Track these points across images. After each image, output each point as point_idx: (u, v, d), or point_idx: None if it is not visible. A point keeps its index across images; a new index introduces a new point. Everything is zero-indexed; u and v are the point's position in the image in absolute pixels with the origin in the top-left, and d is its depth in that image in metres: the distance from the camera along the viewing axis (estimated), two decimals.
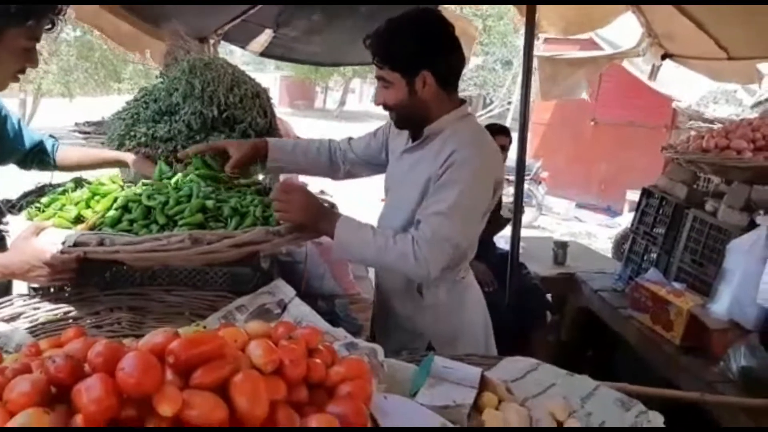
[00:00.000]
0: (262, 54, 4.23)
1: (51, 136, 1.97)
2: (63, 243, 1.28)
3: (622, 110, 9.73)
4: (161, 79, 2.14)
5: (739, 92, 6.13)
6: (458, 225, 1.60)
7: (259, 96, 2.14)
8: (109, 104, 2.31)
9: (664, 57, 4.24)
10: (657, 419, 1.21)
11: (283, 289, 1.47)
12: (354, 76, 25.58)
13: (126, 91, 13.20)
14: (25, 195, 1.73)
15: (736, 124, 3.13)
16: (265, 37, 3.97)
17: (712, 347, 2.52)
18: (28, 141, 1.88)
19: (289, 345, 1.04)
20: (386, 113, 1.79)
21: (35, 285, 1.43)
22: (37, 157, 1.91)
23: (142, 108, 2.05)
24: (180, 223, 1.45)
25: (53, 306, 1.34)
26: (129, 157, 1.94)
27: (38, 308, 1.32)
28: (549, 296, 3.78)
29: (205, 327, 1.27)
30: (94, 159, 1.93)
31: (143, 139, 1.97)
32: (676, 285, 2.94)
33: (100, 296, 1.41)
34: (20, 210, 1.56)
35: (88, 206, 1.54)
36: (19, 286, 1.48)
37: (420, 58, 1.63)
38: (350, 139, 2.09)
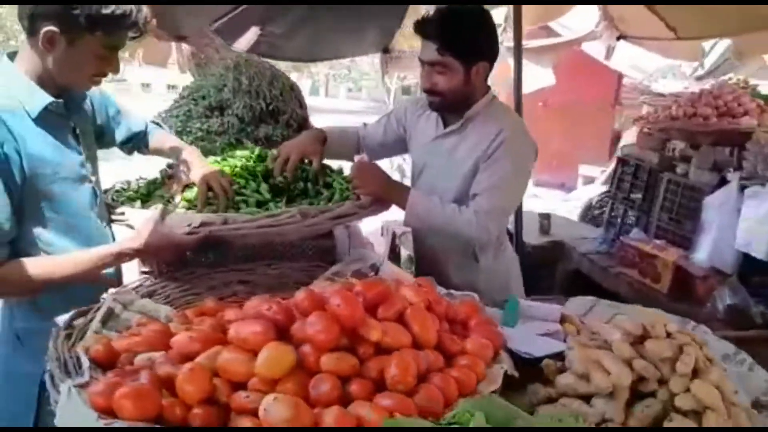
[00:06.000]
0: (249, 51, 4.26)
1: (153, 121, 1.93)
2: (189, 225, 1.41)
3: (570, 91, 10.13)
4: (200, 77, 2.25)
5: (683, 66, 6.61)
6: (510, 195, 1.85)
7: (293, 89, 2.30)
8: None
9: (619, 38, 4.56)
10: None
11: (371, 255, 1.65)
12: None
13: None
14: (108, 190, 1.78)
15: (700, 93, 3.48)
16: (251, 35, 4.03)
17: (697, 293, 2.84)
18: (125, 133, 1.81)
19: (421, 289, 1.23)
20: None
21: (145, 268, 1.56)
22: (134, 142, 1.86)
23: (192, 105, 2.17)
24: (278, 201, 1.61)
25: (176, 284, 1.48)
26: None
27: (166, 286, 1.45)
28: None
29: None
30: (169, 148, 1.86)
31: (199, 133, 2.10)
32: (657, 242, 3.27)
33: (211, 273, 1.55)
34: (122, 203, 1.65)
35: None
36: (127, 272, 1.58)
37: (483, 48, 1.79)
38: (365, 125, 2.18)
